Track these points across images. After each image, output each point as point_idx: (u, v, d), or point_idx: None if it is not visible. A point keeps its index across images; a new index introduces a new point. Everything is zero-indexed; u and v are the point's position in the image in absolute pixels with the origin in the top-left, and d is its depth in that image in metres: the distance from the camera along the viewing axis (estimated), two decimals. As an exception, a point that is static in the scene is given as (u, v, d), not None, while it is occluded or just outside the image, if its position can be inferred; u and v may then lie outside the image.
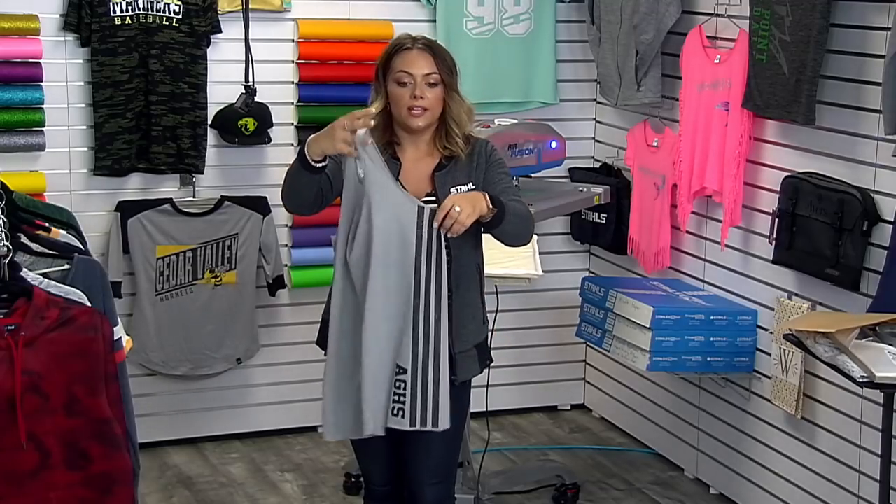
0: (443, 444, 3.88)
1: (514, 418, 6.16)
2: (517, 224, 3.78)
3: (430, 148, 3.87)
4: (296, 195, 3.78)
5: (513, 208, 3.75)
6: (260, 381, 5.88)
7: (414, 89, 3.77)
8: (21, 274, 3.26)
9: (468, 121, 3.88)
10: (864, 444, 4.52)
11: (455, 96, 3.84)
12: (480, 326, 3.96)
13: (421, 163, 3.86)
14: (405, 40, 3.84)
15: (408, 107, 3.78)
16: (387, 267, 3.64)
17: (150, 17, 5.39)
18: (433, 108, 3.80)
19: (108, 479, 3.32)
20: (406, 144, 3.87)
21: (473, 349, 3.91)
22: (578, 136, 6.07)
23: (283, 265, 5.76)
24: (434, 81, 3.79)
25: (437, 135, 3.86)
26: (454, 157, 3.85)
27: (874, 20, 4.40)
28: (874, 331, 3.92)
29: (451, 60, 3.85)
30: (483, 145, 3.91)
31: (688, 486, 5.51)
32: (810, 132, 4.70)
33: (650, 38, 5.41)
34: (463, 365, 3.87)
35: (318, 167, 3.67)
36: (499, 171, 3.88)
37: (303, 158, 3.67)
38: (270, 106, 5.60)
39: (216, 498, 5.34)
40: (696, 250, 5.45)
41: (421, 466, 3.91)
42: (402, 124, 3.83)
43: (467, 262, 3.85)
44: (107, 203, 5.52)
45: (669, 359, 4.98)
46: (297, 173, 3.71)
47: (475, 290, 3.91)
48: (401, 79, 3.79)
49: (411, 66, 3.78)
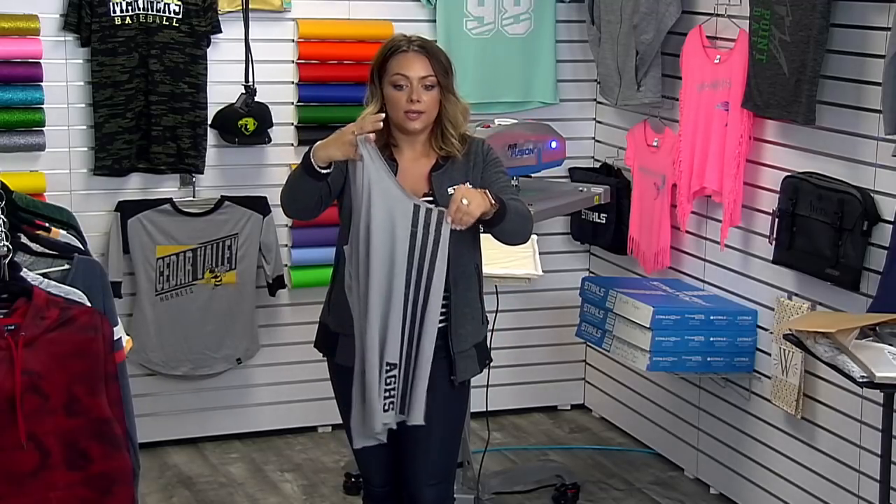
0: (441, 444, 3.88)
1: (514, 418, 6.16)
2: (517, 222, 3.77)
3: (427, 149, 3.86)
4: (298, 201, 3.78)
5: (513, 206, 3.75)
6: (260, 381, 5.88)
7: (410, 93, 3.76)
8: (21, 274, 3.26)
9: (464, 121, 3.87)
10: (864, 444, 4.52)
11: (451, 97, 3.83)
12: (479, 326, 3.95)
13: (417, 163, 3.85)
14: (400, 42, 3.82)
15: (405, 110, 3.77)
16: (383, 264, 3.63)
17: (150, 17, 5.39)
18: (430, 111, 3.79)
19: (108, 479, 3.32)
20: (402, 145, 3.86)
21: (472, 349, 3.91)
22: (578, 136, 6.07)
23: (283, 265, 5.76)
24: (430, 84, 3.78)
25: (433, 135, 3.85)
26: (450, 157, 3.84)
27: (874, 20, 4.40)
28: (874, 331, 3.92)
29: (447, 61, 3.84)
30: (479, 145, 3.90)
31: (688, 486, 5.51)
32: (810, 132, 4.70)
33: (650, 38, 5.41)
34: (462, 365, 3.86)
35: (324, 174, 3.67)
36: (496, 171, 3.88)
37: (308, 165, 3.67)
38: (270, 106, 5.60)
39: (216, 498, 5.34)
40: (696, 250, 5.45)
41: (420, 467, 3.90)
42: (399, 126, 3.83)
43: (465, 261, 3.84)
44: (107, 203, 5.52)
45: (669, 359, 4.98)
46: (301, 180, 3.71)
47: (474, 289, 3.90)
48: (397, 81, 3.77)
49: (407, 68, 3.77)
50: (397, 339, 3.64)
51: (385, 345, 3.64)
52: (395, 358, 3.65)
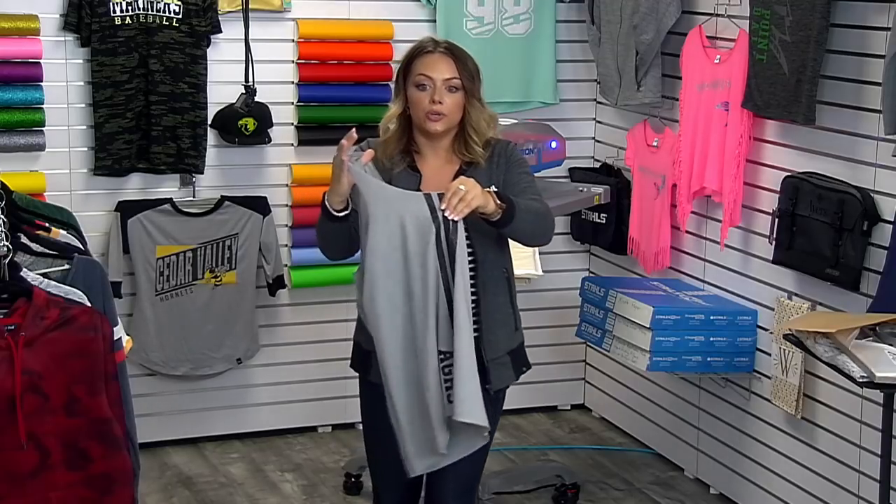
0: (471, 456, 3.77)
1: (514, 418, 6.16)
2: (532, 222, 3.68)
3: (450, 155, 3.80)
4: (331, 244, 3.78)
5: (526, 206, 3.66)
6: (260, 381, 5.88)
7: (433, 94, 3.71)
8: (21, 274, 3.26)
9: (489, 129, 3.80)
10: (864, 444, 4.52)
11: (476, 103, 3.77)
12: (513, 333, 3.85)
13: (441, 171, 3.78)
14: (427, 43, 3.78)
15: (427, 111, 3.72)
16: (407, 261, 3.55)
17: (150, 17, 5.39)
18: (452, 114, 3.74)
19: (108, 479, 3.32)
20: (425, 151, 3.80)
21: (506, 356, 3.82)
22: (578, 136, 6.07)
23: (283, 265, 5.76)
24: (454, 87, 3.73)
25: (456, 142, 3.79)
26: (474, 163, 3.78)
27: (874, 20, 4.40)
28: (874, 331, 3.92)
29: (474, 66, 3.78)
30: (504, 146, 3.83)
31: (688, 486, 5.51)
32: (810, 132, 4.70)
33: (650, 38, 5.41)
34: (496, 373, 3.76)
35: (342, 216, 3.65)
36: (519, 171, 3.81)
37: (325, 210, 3.65)
38: (270, 106, 5.60)
39: (216, 498, 5.34)
40: (696, 250, 5.45)
41: (449, 478, 3.81)
42: (421, 128, 3.77)
43: (492, 266, 3.75)
44: (107, 203, 5.52)
45: (669, 359, 4.98)
46: (324, 225, 3.70)
47: (504, 294, 3.80)
48: (420, 82, 3.73)
49: (432, 69, 3.72)
50: (448, 327, 3.53)
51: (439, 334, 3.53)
52: (449, 346, 3.54)
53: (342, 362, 4.09)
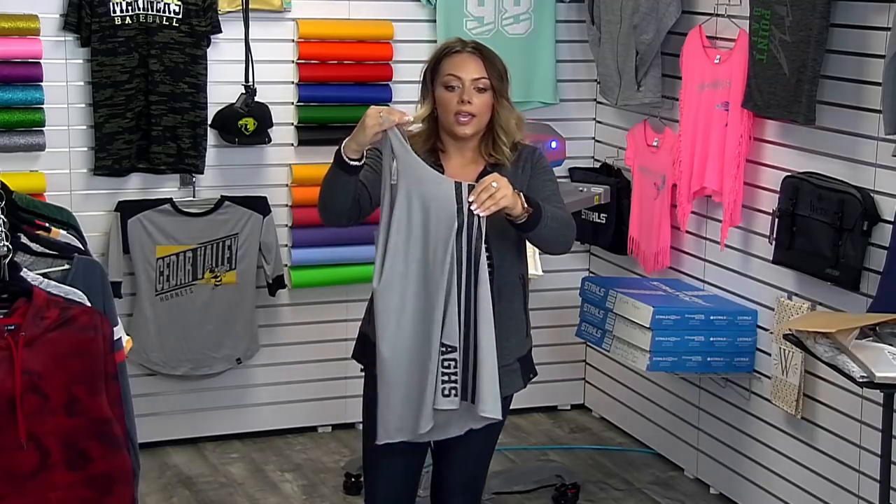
0: (477, 457, 3.79)
1: (514, 418, 6.16)
2: (555, 229, 3.65)
3: (475, 155, 3.77)
4: (333, 200, 3.66)
5: (552, 213, 3.64)
6: (260, 381, 5.88)
7: (462, 94, 3.67)
8: (21, 274, 3.26)
9: (517, 130, 3.77)
10: (864, 444, 4.52)
11: (505, 103, 3.73)
12: (523, 340, 3.85)
13: (465, 170, 3.75)
14: (455, 44, 3.75)
15: (455, 112, 3.68)
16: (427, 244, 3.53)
17: (150, 17, 5.39)
18: (481, 115, 3.70)
19: (108, 479, 3.32)
20: (451, 151, 3.77)
21: (516, 363, 3.81)
22: (578, 136, 6.07)
23: (283, 265, 5.76)
24: (483, 87, 3.69)
25: (484, 142, 3.76)
26: (499, 164, 3.74)
27: (874, 20, 4.40)
28: (874, 331, 3.92)
29: (503, 66, 3.74)
30: (531, 152, 3.81)
31: (688, 486, 5.51)
32: (810, 132, 4.70)
33: (650, 38, 5.41)
34: (505, 379, 3.71)
35: (355, 166, 3.58)
36: (544, 179, 3.78)
37: (339, 158, 3.58)
38: (270, 106, 5.60)
39: (216, 498, 5.34)
40: (696, 250, 5.45)
41: (455, 476, 3.82)
42: (449, 131, 3.74)
43: (509, 272, 3.75)
44: (107, 203, 5.52)
45: (669, 359, 4.98)
46: (334, 176, 3.62)
47: (518, 301, 3.80)
48: (448, 82, 3.69)
49: (460, 69, 3.69)
50: (455, 322, 3.52)
51: (442, 326, 3.52)
52: (453, 340, 3.52)
53: (342, 362, 4.10)
